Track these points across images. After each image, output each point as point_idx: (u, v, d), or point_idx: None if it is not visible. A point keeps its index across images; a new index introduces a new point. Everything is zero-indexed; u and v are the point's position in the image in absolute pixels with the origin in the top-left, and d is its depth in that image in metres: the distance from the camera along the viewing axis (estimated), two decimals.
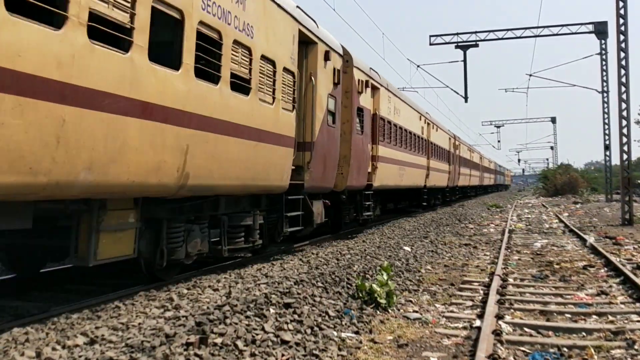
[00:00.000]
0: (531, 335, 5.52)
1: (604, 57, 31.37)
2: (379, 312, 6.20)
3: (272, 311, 5.28)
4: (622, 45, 18.16)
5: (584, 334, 5.53)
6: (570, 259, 10.62)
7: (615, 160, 29.33)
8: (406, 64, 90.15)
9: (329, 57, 11.14)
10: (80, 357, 4.08)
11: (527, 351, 4.94)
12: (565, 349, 4.94)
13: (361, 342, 5.06)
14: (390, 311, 6.31)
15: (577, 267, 9.59)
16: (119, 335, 4.66)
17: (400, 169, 18.21)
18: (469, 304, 6.91)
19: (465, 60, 30.41)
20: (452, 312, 6.51)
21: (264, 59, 8.27)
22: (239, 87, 7.57)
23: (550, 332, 5.58)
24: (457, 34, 30.38)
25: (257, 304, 5.40)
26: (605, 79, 32.08)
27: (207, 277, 7.83)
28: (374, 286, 6.50)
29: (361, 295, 6.46)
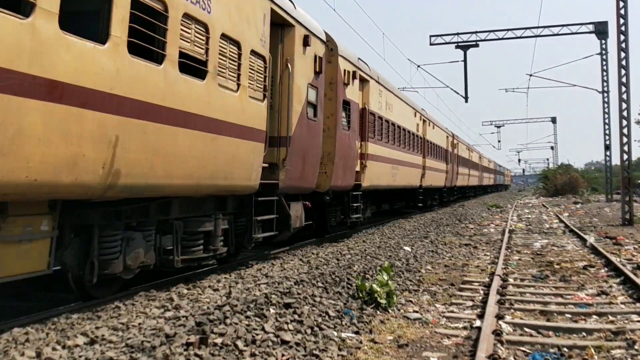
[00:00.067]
0: (531, 335, 5.52)
1: (604, 57, 31.39)
2: (379, 312, 6.20)
3: (272, 311, 5.28)
4: (623, 45, 18.17)
5: (584, 334, 5.53)
6: (570, 259, 10.62)
7: (615, 160, 29.40)
8: (406, 64, 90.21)
9: (309, 43, 10.01)
10: (80, 357, 4.08)
11: (528, 351, 4.94)
12: (565, 349, 4.94)
13: (361, 342, 5.06)
14: (390, 311, 6.32)
15: (578, 267, 9.59)
16: (119, 335, 4.66)
17: (393, 168, 17.36)
18: (469, 304, 6.91)
19: (465, 60, 30.49)
20: (452, 312, 6.51)
21: (226, 39, 7.26)
22: (192, 69, 6.54)
23: (550, 332, 5.58)
24: (457, 34, 30.43)
25: (257, 304, 5.40)
26: (605, 79, 32.10)
27: (207, 277, 7.84)
28: (374, 286, 6.50)
29: (361, 295, 6.46)
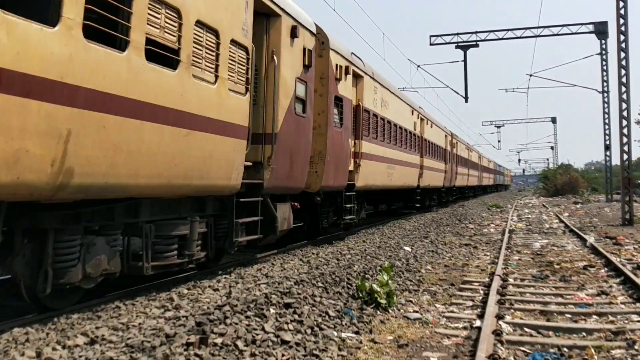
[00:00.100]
0: (531, 335, 5.52)
1: (604, 57, 31.40)
2: (379, 312, 6.20)
3: (272, 311, 5.28)
4: (623, 45, 18.17)
5: (584, 334, 5.53)
6: (570, 259, 10.62)
7: (615, 160, 29.40)
8: (406, 64, 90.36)
9: (297, 34, 9.46)
10: (80, 357, 4.08)
11: (528, 351, 4.94)
12: (565, 349, 4.94)
13: (361, 342, 5.06)
14: (390, 311, 6.32)
15: (578, 267, 9.59)
16: (119, 335, 4.67)
17: (389, 167, 16.73)
18: (469, 304, 6.91)
19: (465, 60, 30.50)
20: (452, 312, 6.51)
21: (202, 26, 6.76)
22: (162, 58, 6.04)
23: (550, 332, 5.58)
24: (458, 34, 30.45)
25: (257, 304, 5.40)
26: (605, 79, 32.11)
27: (207, 277, 7.84)
28: (374, 286, 6.50)
29: (361, 295, 6.46)
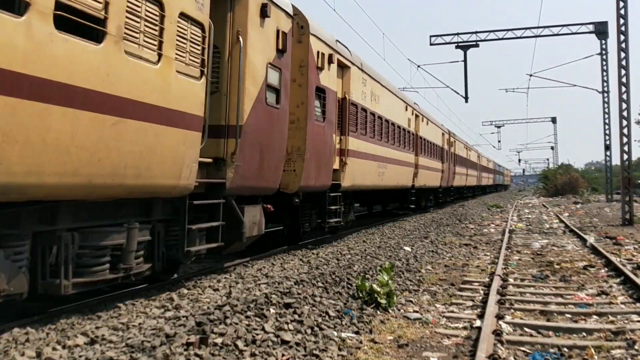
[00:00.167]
0: (531, 335, 5.52)
1: (604, 57, 31.42)
2: (379, 312, 6.20)
3: (272, 311, 5.28)
4: (623, 45, 18.17)
5: (585, 334, 5.53)
6: (570, 259, 10.62)
7: (615, 160, 29.42)
8: (406, 64, 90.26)
9: (268, 13, 8.32)
10: (80, 357, 4.09)
11: (528, 351, 4.94)
12: (565, 349, 4.94)
13: (361, 342, 5.06)
14: (390, 311, 6.31)
15: (578, 267, 9.59)
16: (119, 335, 4.67)
17: (380, 166, 15.57)
18: (469, 304, 6.91)
19: (465, 60, 30.52)
20: (452, 312, 6.51)
21: None
22: (82, 28, 4.92)
23: (550, 332, 5.58)
24: (458, 34, 30.47)
25: (257, 304, 5.40)
26: (605, 79, 32.14)
27: (207, 277, 7.84)
28: (375, 286, 6.50)
29: (361, 295, 6.46)
